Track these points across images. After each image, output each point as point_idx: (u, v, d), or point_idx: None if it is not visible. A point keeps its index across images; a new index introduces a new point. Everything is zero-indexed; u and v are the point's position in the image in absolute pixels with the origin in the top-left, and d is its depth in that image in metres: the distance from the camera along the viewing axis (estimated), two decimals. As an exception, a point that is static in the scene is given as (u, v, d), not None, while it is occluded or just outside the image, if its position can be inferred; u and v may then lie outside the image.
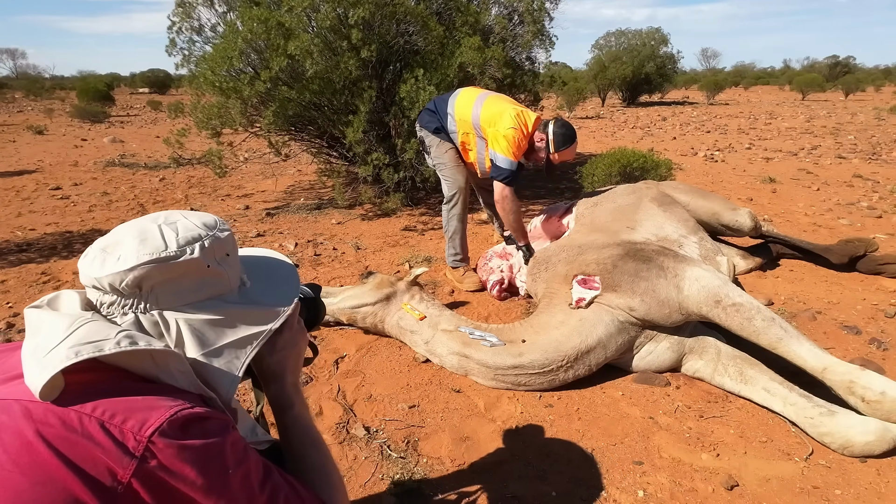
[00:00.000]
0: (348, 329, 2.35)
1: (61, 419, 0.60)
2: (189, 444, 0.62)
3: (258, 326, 0.79)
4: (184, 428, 0.63)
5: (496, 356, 1.92)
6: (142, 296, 0.70)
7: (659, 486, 1.50)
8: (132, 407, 0.62)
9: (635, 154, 4.30)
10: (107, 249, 0.71)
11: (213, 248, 0.75)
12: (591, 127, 11.59)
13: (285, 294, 0.85)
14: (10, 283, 2.96)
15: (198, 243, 0.73)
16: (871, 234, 3.59)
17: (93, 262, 0.70)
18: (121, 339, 0.64)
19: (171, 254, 0.71)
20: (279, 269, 0.89)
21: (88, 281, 0.71)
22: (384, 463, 1.58)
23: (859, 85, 23.93)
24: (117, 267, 0.68)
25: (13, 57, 57.61)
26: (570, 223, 2.74)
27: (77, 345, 0.61)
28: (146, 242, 0.71)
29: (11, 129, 11.01)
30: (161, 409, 0.62)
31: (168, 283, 0.71)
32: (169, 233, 0.73)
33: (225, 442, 0.66)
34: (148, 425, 0.61)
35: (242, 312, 0.78)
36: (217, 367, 0.74)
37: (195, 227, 0.75)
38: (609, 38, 20.24)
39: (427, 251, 3.44)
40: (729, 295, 1.88)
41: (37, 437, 0.58)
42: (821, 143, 8.32)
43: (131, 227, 0.74)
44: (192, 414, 0.64)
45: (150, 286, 0.70)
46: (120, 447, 0.59)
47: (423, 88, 3.68)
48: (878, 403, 1.63)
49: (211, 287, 0.75)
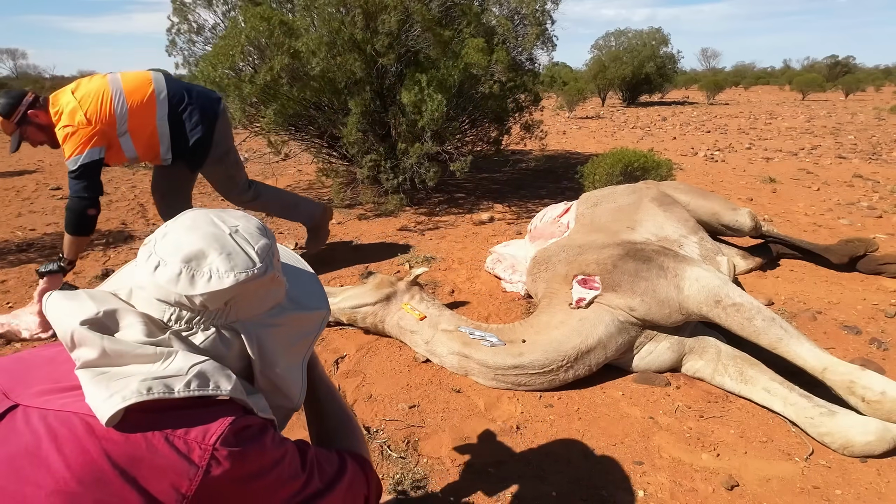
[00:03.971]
0: (348, 329, 2.35)
1: (125, 436, 0.59)
2: (245, 448, 0.64)
3: (308, 331, 0.81)
4: (240, 433, 0.64)
5: (496, 356, 1.91)
6: (226, 310, 0.70)
7: (659, 486, 1.50)
8: (192, 418, 0.62)
9: (637, 154, 4.30)
10: (191, 264, 0.67)
11: (277, 257, 0.75)
12: (591, 127, 11.59)
13: (319, 297, 0.86)
14: (10, 283, 2.96)
15: (273, 256, 0.73)
16: (872, 234, 3.59)
17: (178, 279, 0.66)
18: (191, 381, 0.62)
19: (259, 271, 0.70)
20: (301, 269, 0.89)
21: (171, 297, 0.66)
22: (384, 463, 1.58)
23: (859, 85, 23.91)
24: (213, 286, 0.66)
25: (13, 57, 57.57)
26: (570, 223, 2.74)
27: (149, 379, 0.60)
28: (233, 258, 0.69)
29: (11, 129, 11.01)
30: (220, 420, 0.63)
31: (251, 296, 0.71)
32: (247, 245, 0.71)
33: (269, 441, 0.68)
34: (211, 433, 0.61)
35: (298, 317, 0.79)
36: (289, 375, 0.76)
37: (258, 234, 0.74)
38: (609, 38, 20.21)
39: (427, 251, 3.44)
40: (729, 295, 1.88)
41: (102, 454, 0.58)
42: (821, 143, 8.32)
43: (203, 235, 0.70)
44: (246, 424, 0.65)
45: (235, 301, 0.70)
46: (185, 459, 0.60)
47: (431, 97, 3.66)
48: (878, 403, 1.63)
49: (276, 295, 0.76)
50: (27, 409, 0.62)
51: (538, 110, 5.59)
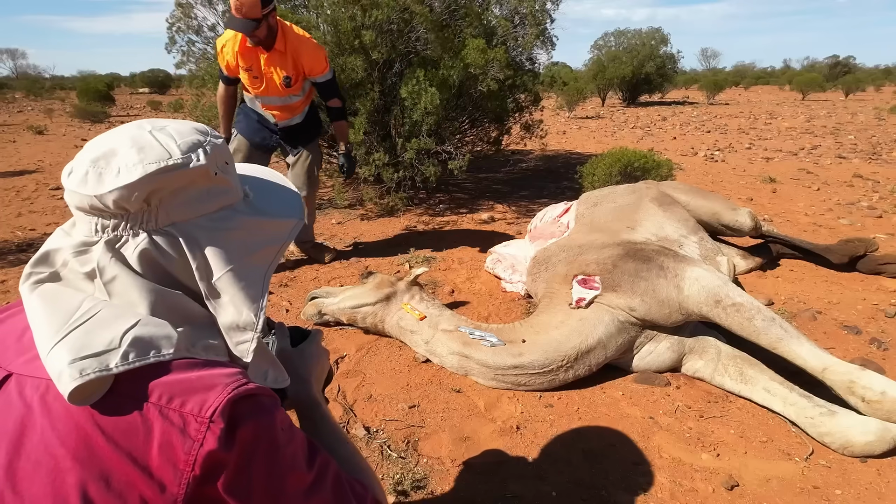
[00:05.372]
0: (348, 329, 2.35)
1: (118, 407, 0.56)
2: (246, 422, 0.59)
3: (272, 241, 0.73)
4: (240, 405, 0.59)
5: (496, 356, 1.91)
6: (150, 211, 0.62)
7: (659, 486, 1.50)
8: (188, 387, 0.58)
9: (636, 154, 4.30)
10: (99, 163, 0.61)
11: (215, 154, 0.67)
12: (591, 127, 11.59)
13: (291, 206, 0.77)
14: (10, 283, 2.96)
15: (200, 149, 0.65)
16: (872, 234, 3.59)
17: (85, 180, 0.61)
18: (128, 351, 0.57)
19: (178, 161, 0.63)
20: (274, 182, 0.82)
21: (84, 202, 0.61)
22: (384, 463, 1.58)
23: (859, 85, 23.92)
24: (120, 181, 0.60)
25: (13, 57, 57.62)
26: (570, 223, 2.74)
27: (78, 359, 0.55)
28: (146, 151, 0.62)
29: (12, 129, 11.01)
30: (218, 388, 0.58)
31: (178, 193, 0.64)
32: (166, 139, 0.64)
33: (275, 420, 0.63)
34: (208, 406, 0.57)
35: (258, 223, 0.71)
36: (242, 286, 0.67)
37: (191, 131, 0.67)
38: (609, 37, 20.25)
39: (427, 251, 3.44)
40: (729, 295, 1.88)
41: (95, 429, 0.55)
42: (821, 143, 8.32)
43: (118, 135, 0.64)
44: (247, 391, 0.60)
45: (159, 199, 0.63)
46: (181, 433, 0.56)
47: (425, 90, 3.68)
48: (878, 403, 1.63)
49: (221, 197, 0.68)
50: (20, 378, 0.60)
51: (538, 110, 5.59)
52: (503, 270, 2.89)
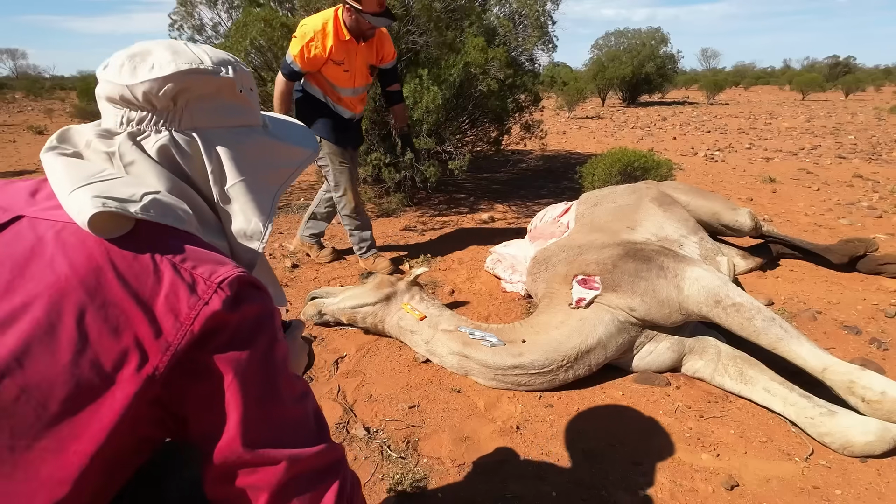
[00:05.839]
0: (348, 329, 2.35)
1: (135, 254, 0.58)
2: (251, 301, 0.61)
3: (285, 164, 0.77)
4: (247, 287, 0.62)
5: (496, 356, 1.91)
6: (176, 110, 0.66)
7: (659, 486, 1.50)
8: (202, 257, 0.60)
9: (636, 154, 4.30)
10: (135, 58, 0.65)
11: (243, 75, 0.72)
12: (591, 127, 11.59)
13: (305, 137, 0.82)
14: (10, 283, 2.96)
15: (230, 65, 0.71)
16: (872, 234, 3.59)
17: (120, 71, 0.64)
18: (149, 205, 0.59)
19: (210, 68, 0.67)
20: (290, 121, 0.87)
21: (115, 91, 0.64)
22: (384, 463, 1.58)
23: (859, 85, 23.92)
24: (153, 74, 0.64)
25: (13, 57, 57.61)
26: (570, 223, 2.74)
27: (100, 196, 0.57)
28: (180, 54, 0.66)
29: (12, 129, 11.01)
30: (230, 266, 0.61)
31: (204, 99, 0.68)
32: (199, 51, 0.69)
33: (276, 318, 0.65)
34: (218, 274, 0.59)
35: (272, 145, 0.75)
36: (253, 197, 0.70)
37: (225, 56, 0.72)
38: (609, 38, 20.25)
39: (427, 251, 3.44)
40: (729, 295, 1.88)
41: (108, 263, 0.57)
42: (821, 143, 8.33)
43: (154, 42, 0.68)
44: (252, 280, 0.63)
45: (186, 100, 0.66)
46: (188, 288, 0.58)
47: (427, 89, 3.68)
48: (878, 403, 1.63)
49: (243, 115, 0.73)
50: (34, 220, 0.60)
51: (538, 110, 5.59)
52: (503, 270, 2.89)
